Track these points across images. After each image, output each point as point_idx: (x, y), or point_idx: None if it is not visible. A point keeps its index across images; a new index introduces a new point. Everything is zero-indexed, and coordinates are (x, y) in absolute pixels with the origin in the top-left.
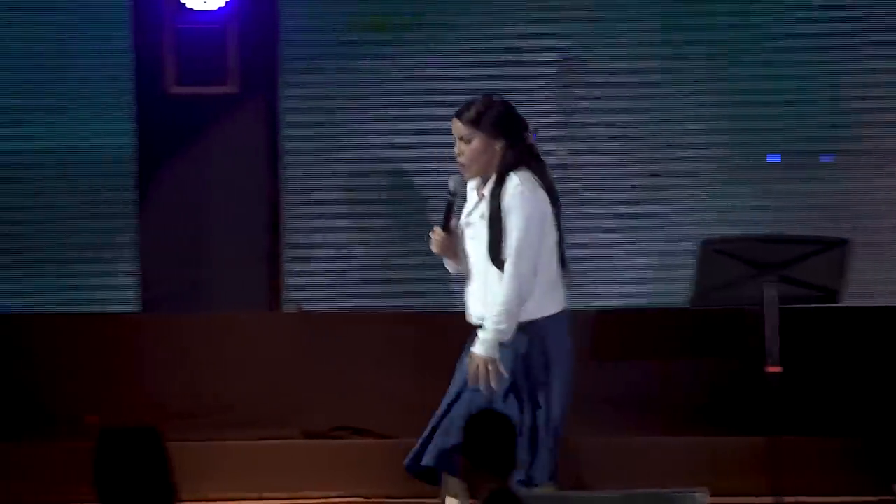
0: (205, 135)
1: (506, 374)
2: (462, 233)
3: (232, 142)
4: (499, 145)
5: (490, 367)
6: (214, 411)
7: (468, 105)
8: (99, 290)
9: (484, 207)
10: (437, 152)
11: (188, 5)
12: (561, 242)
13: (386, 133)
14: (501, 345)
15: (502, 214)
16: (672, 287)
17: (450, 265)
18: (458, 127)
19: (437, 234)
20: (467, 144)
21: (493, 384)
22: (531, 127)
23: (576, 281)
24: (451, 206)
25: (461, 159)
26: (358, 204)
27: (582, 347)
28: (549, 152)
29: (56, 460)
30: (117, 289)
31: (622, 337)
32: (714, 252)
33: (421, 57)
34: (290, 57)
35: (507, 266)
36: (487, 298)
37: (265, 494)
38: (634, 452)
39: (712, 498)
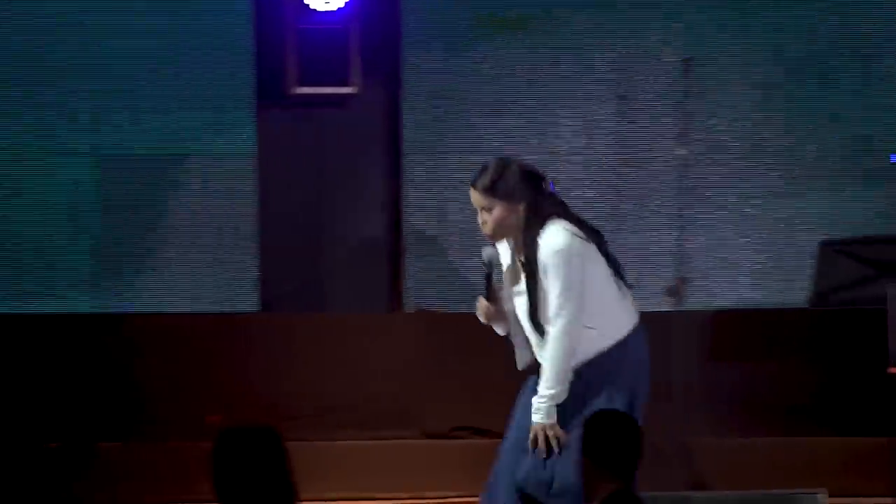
0: (326, 135)
1: (564, 436)
2: (510, 298)
3: (353, 142)
4: (521, 207)
5: (550, 433)
6: (334, 411)
7: (482, 173)
8: (219, 290)
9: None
10: (557, 151)
11: (311, 6)
12: (615, 266)
13: (507, 132)
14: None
15: (540, 275)
16: (791, 287)
17: (499, 329)
18: (476, 197)
19: (481, 305)
20: (489, 213)
21: (555, 449)
22: (547, 177)
23: (695, 280)
24: (490, 277)
25: (485, 229)
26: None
27: (700, 347)
28: (670, 152)
29: (177, 460)
30: (238, 289)
31: (741, 336)
32: (834, 252)
33: (543, 55)
34: (412, 56)
35: (551, 327)
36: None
37: (385, 494)
38: (754, 453)
39: (832, 498)
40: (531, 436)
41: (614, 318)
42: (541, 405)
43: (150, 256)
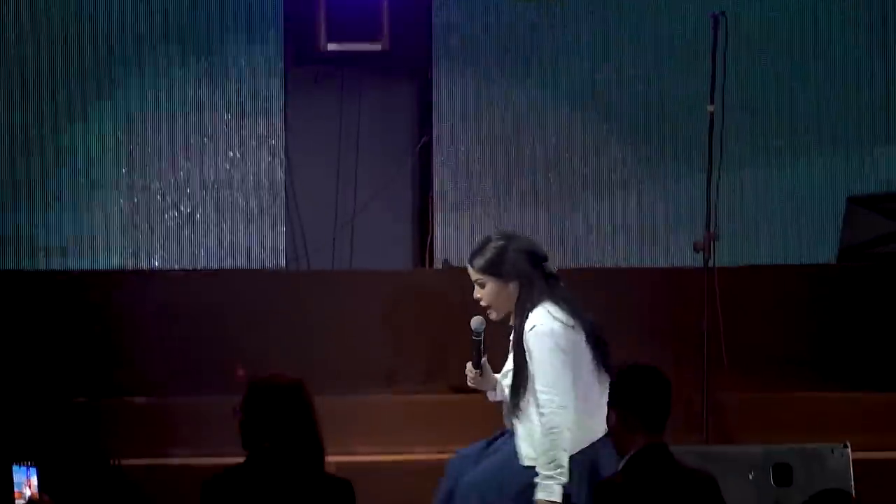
0: (355, 92)
1: None
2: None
3: (382, 99)
4: (513, 285)
5: None
6: (362, 366)
7: (480, 250)
8: (247, 246)
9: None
10: (589, 106)
11: None
12: (600, 355)
13: (536, 90)
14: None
15: (526, 359)
16: (819, 242)
17: (489, 395)
18: (471, 272)
19: (469, 372)
20: (482, 288)
21: None
22: (549, 258)
23: (729, 237)
24: (478, 345)
25: (482, 303)
26: (506, 161)
27: (728, 302)
28: (700, 108)
29: (203, 414)
30: (265, 245)
31: (768, 292)
32: (861, 208)
33: (573, 12)
34: (443, 12)
35: (541, 416)
36: (534, 437)
37: (413, 448)
38: (779, 407)
39: (854, 452)
40: None
41: (598, 412)
42: (545, 485)
43: (177, 213)
